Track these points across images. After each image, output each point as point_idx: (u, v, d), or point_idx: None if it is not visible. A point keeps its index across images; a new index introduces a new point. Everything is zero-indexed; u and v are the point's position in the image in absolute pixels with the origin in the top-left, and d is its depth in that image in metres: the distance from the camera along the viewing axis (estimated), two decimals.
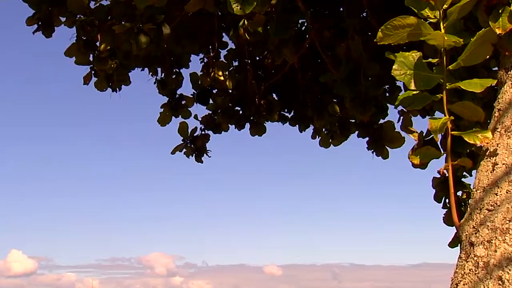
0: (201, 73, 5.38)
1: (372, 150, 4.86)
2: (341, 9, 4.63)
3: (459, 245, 2.27)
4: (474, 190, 2.13)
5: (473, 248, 2.09)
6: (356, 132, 5.01)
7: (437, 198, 2.96)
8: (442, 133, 2.17)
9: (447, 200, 2.97)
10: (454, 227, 2.33)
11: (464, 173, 2.92)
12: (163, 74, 5.34)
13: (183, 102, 5.43)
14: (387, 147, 4.80)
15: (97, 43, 4.74)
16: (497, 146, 2.02)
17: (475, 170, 2.14)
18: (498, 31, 2.00)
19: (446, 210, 2.95)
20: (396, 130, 4.71)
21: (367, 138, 4.90)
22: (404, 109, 4.24)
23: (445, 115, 2.09)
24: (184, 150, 5.48)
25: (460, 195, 2.83)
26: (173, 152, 5.50)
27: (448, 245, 2.77)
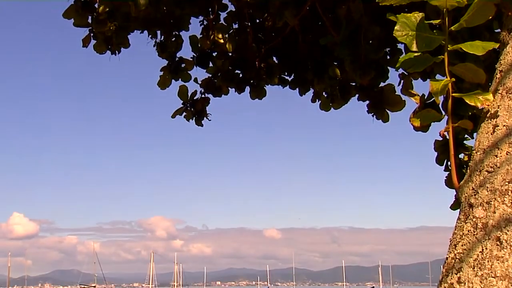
0: (201, 35, 5.35)
1: (372, 114, 4.86)
2: None
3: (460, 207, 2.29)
4: (474, 152, 2.14)
5: (472, 210, 2.11)
6: (356, 95, 5.00)
7: (439, 161, 2.97)
8: (443, 95, 2.17)
9: (448, 163, 2.98)
10: (454, 189, 2.34)
11: (466, 135, 2.93)
12: (162, 36, 5.31)
13: (183, 65, 5.41)
14: (387, 111, 4.80)
15: (96, 5, 4.70)
16: (498, 108, 2.02)
17: (476, 133, 2.14)
18: None
19: (448, 172, 2.96)
20: (396, 93, 4.69)
21: (367, 102, 4.89)
22: (405, 72, 4.22)
23: (446, 77, 2.08)
24: (184, 113, 5.49)
25: (462, 157, 2.84)
26: (173, 116, 5.51)
27: (450, 207, 2.79)
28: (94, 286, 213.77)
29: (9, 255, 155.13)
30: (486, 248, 2.06)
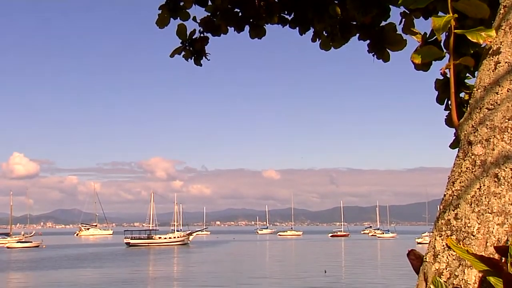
0: None
1: (373, 53, 4.81)
2: None
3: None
4: (475, 89, 2.14)
5: (471, 147, 2.12)
6: (357, 34, 4.94)
7: (439, 100, 2.96)
8: (446, 32, 2.14)
9: (449, 102, 2.97)
10: (454, 128, 2.34)
11: (467, 74, 2.91)
12: None
13: (182, 3, 5.33)
14: (388, 50, 4.75)
15: None
16: (501, 44, 2.00)
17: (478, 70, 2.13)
18: None
19: (448, 112, 2.96)
20: (398, 32, 4.64)
21: (367, 41, 4.84)
22: (407, 11, 4.16)
23: (449, 13, 2.06)
24: (183, 53, 5.43)
25: (463, 96, 2.83)
26: (171, 55, 5.45)
27: (449, 146, 2.80)
28: (96, 225, 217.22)
29: (11, 194, 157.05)
30: (483, 185, 2.08)
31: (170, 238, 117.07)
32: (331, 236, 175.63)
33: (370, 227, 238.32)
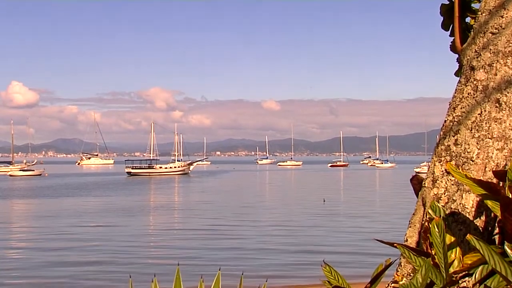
0: None
1: None
2: None
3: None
4: (479, 13, 2.10)
5: (474, 72, 2.10)
6: None
7: (444, 26, 2.91)
8: None
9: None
10: (458, 54, 2.32)
11: None
12: None
13: None
14: None
15: None
16: None
17: None
18: None
19: (453, 38, 2.92)
20: None
21: None
22: None
23: None
24: None
25: (468, 21, 2.79)
26: None
27: (454, 74, 2.78)
28: (96, 155, 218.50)
29: (12, 123, 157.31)
30: (485, 110, 2.08)
31: (171, 167, 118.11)
32: (330, 166, 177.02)
33: (369, 157, 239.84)
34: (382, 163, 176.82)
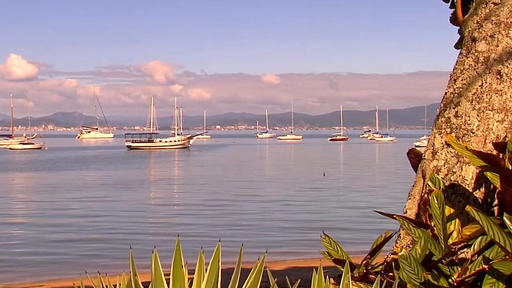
0: None
1: None
2: None
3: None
4: None
5: (475, 44, 2.09)
6: None
7: None
8: None
9: (455, 0, 2.90)
10: (458, 26, 2.30)
11: None
12: None
13: None
14: None
15: None
16: None
17: None
18: None
19: (453, 10, 2.89)
20: None
21: None
22: None
23: None
24: None
25: None
26: None
27: (454, 46, 2.76)
28: (96, 128, 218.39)
29: (11, 96, 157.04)
30: (485, 82, 2.07)
31: (170, 141, 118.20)
32: (330, 140, 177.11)
33: (369, 131, 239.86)
34: (381, 137, 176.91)
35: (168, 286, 2.60)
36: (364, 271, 3.22)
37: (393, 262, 2.99)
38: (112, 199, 33.56)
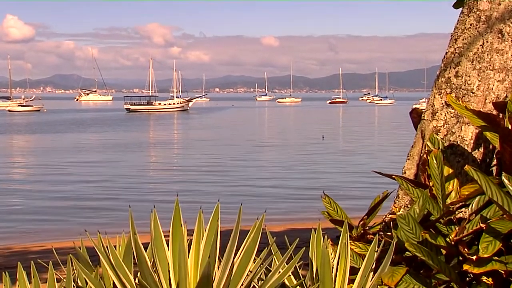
0: None
1: None
2: None
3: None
4: None
5: (477, 2, 2.07)
6: None
7: None
8: None
9: None
10: None
11: None
12: None
13: None
14: None
15: None
16: None
17: None
18: None
19: None
20: None
21: None
22: None
23: None
24: None
25: None
26: None
27: (453, 6, 2.73)
28: (95, 91, 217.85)
29: (9, 58, 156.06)
30: (487, 41, 2.05)
31: (169, 104, 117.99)
32: (329, 102, 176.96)
33: (369, 93, 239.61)
34: (381, 99, 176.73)
35: (168, 245, 2.62)
36: (362, 231, 3.25)
37: (391, 222, 3.01)
38: (111, 161, 33.66)
